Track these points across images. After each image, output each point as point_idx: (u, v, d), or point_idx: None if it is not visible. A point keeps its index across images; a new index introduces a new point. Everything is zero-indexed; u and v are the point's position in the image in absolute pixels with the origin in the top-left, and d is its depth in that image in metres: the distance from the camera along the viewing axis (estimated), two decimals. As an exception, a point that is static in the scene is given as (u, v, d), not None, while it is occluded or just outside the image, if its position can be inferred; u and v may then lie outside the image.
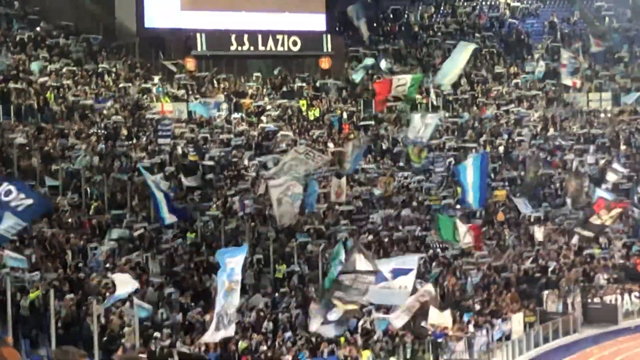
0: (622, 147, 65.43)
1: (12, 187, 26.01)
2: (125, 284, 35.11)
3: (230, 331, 31.39)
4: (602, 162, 61.14)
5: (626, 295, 53.85)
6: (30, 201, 26.10)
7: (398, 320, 39.65)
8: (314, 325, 36.85)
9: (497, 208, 57.03)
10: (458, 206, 54.50)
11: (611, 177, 57.41)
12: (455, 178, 52.97)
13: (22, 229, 28.78)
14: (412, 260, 37.92)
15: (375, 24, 71.28)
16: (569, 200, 57.66)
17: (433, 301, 41.78)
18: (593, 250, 55.96)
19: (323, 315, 35.06)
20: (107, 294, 35.97)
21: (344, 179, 52.40)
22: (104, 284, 37.59)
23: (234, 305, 30.09)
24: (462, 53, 55.60)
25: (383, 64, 64.65)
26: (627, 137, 66.76)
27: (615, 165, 59.59)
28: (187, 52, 62.57)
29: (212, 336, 31.20)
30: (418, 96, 64.28)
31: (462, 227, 47.21)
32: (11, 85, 52.51)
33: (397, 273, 36.12)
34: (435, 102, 64.90)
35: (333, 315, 34.52)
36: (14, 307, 34.13)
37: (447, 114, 64.27)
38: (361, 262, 32.99)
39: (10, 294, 33.77)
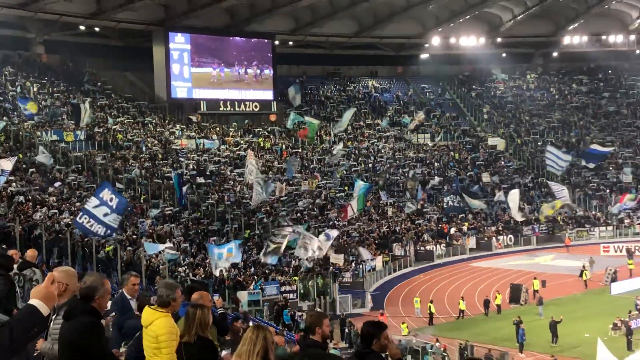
0: (436, 164, 65.79)
1: (112, 195, 25.27)
2: (163, 243, 35.44)
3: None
4: (425, 172, 61.35)
5: (438, 246, 54.16)
6: (117, 200, 25.33)
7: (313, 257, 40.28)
8: (262, 258, 37.87)
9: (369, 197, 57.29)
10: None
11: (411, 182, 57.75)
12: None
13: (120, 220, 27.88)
14: (333, 232, 40.08)
15: (300, 95, 71.20)
16: (407, 193, 58.09)
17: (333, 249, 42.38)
18: (420, 221, 56.29)
19: (265, 252, 36.22)
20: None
21: (284, 183, 52.56)
22: (148, 241, 37.38)
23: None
24: (348, 112, 56.32)
25: (307, 118, 64.42)
26: (439, 158, 67.16)
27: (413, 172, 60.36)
28: (195, 111, 62.03)
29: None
30: (324, 136, 64.61)
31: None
32: (96, 129, 51.92)
33: (327, 237, 37.85)
34: (333, 139, 64.77)
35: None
36: (97, 255, 33.83)
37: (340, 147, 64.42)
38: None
39: (94, 247, 33.65)
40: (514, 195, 48.34)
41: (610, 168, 67.21)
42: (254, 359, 5.48)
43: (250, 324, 15.05)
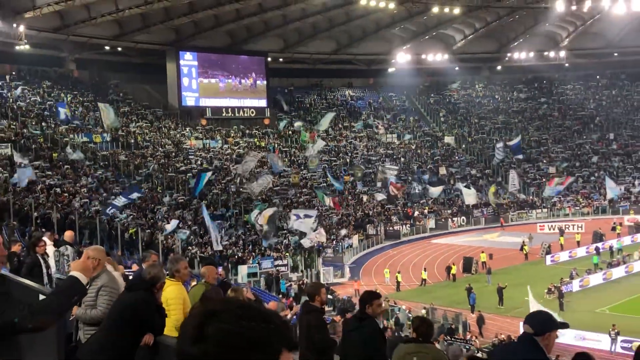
0: (402, 159, 65.72)
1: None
2: (173, 224, 35.13)
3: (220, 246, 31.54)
4: (394, 166, 61.10)
5: (404, 226, 54.18)
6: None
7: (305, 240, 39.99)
8: (264, 242, 37.44)
9: (347, 187, 57.03)
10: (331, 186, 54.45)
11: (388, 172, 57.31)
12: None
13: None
14: (312, 212, 39.02)
15: (289, 103, 70.90)
16: (379, 183, 57.86)
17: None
18: (389, 206, 56.24)
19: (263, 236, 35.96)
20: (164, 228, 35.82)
21: (276, 176, 52.37)
22: (164, 225, 37.12)
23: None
24: (328, 115, 56.31)
25: (296, 124, 64.26)
26: (404, 154, 67.09)
27: (388, 165, 59.85)
28: (202, 117, 61.65)
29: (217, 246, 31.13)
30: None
31: (326, 198, 47.76)
32: (119, 132, 51.45)
33: (305, 215, 37.27)
34: (316, 139, 64.41)
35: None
36: (122, 236, 33.64)
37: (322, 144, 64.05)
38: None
39: (120, 230, 33.40)
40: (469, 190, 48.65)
41: (544, 160, 67.78)
42: None
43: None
